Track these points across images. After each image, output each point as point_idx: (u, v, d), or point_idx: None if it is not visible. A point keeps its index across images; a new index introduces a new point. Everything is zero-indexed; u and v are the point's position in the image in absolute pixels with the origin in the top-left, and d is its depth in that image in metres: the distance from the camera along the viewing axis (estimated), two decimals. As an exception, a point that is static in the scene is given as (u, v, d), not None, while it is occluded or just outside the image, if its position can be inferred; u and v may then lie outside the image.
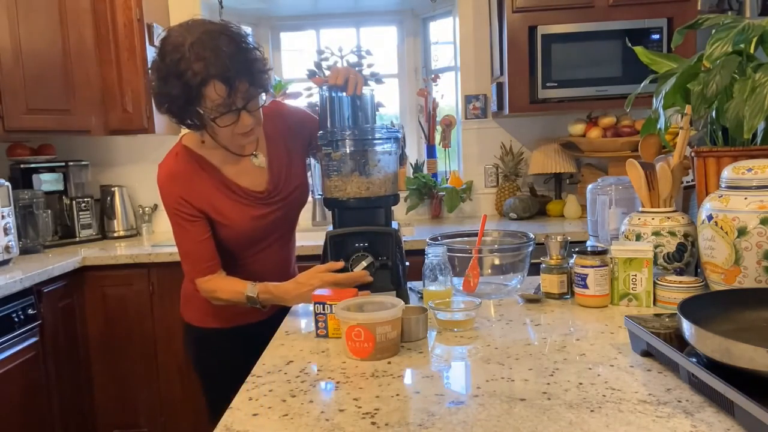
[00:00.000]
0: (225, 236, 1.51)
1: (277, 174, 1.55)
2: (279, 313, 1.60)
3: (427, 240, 1.56)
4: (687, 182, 1.58)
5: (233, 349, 1.61)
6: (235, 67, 1.30)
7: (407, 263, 1.49)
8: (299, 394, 0.99)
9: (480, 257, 1.50)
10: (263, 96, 1.40)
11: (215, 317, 1.62)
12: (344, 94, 1.44)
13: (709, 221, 1.22)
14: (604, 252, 1.36)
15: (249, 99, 1.35)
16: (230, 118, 1.34)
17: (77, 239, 2.99)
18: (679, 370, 0.94)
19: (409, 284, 1.57)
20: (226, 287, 1.50)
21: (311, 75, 3.33)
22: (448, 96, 3.52)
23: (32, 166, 2.89)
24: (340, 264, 1.41)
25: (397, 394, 0.96)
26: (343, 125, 1.46)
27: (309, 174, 1.68)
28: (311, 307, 1.28)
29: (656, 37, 2.74)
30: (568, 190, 3.24)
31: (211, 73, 1.27)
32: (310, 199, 3.23)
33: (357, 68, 3.16)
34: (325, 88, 1.48)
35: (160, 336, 2.68)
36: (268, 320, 1.57)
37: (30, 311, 2.25)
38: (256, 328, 1.56)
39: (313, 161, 1.68)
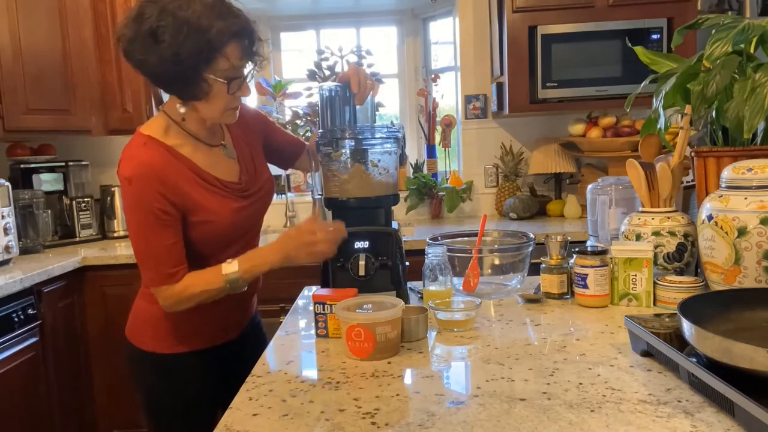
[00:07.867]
0: (202, 235, 1.36)
1: (246, 165, 1.47)
2: (251, 329, 1.59)
3: (427, 240, 1.56)
4: (687, 182, 1.58)
5: (209, 376, 1.49)
6: (251, 27, 1.27)
7: (407, 263, 1.48)
8: (299, 394, 0.99)
9: (480, 257, 1.50)
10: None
11: (191, 338, 1.45)
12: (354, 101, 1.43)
13: (709, 221, 1.22)
14: (604, 252, 1.36)
15: (257, 63, 1.32)
16: (238, 84, 1.29)
17: (77, 239, 2.98)
18: (679, 370, 0.94)
19: (409, 284, 1.57)
20: (196, 279, 1.33)
21: (311, 75, 3.33)
22: (448, 96, 3.52)
23: (32, 166, 2.89)
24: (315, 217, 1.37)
25: (397, 394, 0.96)
26: (343, 125, 1.46)
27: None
28: (311, 307, 1.28)
29: (656, 37, 2.74)
30: (568, 190, 3.24)
31: (234, 30, 1.23)
32: (309, 199, 3.30)
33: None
34: (326, 87, 1.48)
35: (160, 336, 2.67)
36: (241, 338, 1.55)
37: (30, 311, 2.25)
38: (231, 348, 1.52)
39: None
